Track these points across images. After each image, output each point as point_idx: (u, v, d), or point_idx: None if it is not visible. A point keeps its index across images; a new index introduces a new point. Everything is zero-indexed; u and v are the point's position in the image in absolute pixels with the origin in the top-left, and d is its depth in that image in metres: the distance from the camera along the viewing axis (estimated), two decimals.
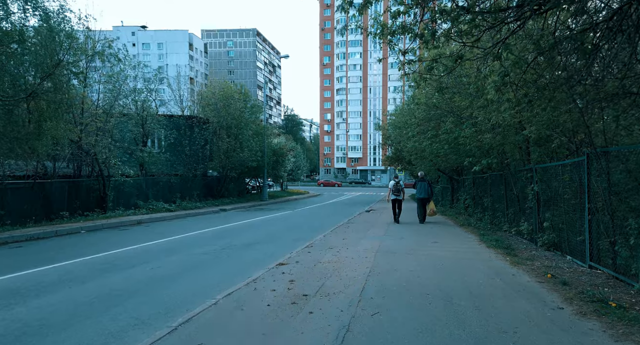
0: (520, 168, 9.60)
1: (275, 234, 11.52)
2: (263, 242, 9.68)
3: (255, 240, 10.10)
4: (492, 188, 13.03)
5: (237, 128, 25.82)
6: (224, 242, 9.54)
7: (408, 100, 16.58)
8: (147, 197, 19.23)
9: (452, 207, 21.41)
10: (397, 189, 13.57)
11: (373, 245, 8.42)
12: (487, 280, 5.35)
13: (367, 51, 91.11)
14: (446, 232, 10.93)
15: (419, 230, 11.45)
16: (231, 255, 7.99)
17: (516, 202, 10.04)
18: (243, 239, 10.32)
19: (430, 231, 11.26)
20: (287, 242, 9.82)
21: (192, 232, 11.58)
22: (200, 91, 24.88)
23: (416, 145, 13.88)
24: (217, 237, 10.57)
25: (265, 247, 8.95)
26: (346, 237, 9.83)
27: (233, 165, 26.16)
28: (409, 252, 7.58)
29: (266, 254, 8.02)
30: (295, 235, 11.16)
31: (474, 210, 15.61)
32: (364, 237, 9.77)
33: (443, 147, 11.78)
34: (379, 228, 12.04)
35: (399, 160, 31.47)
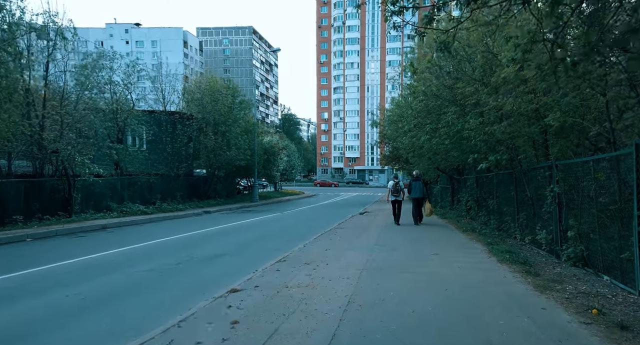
0: (535, 165, 8.12)
1: (250, 242, 10.02)
2: (231, 254, 8.17)
3: (224, 250, 8.60)
4: (499, 189, 11.55)
5: (224, 125, 24.34)
6: (184, 254, 8.03)
7: (405, 88, 15.04)
8: (123, 198, 17.70)
9: (453, 209, 19.92)
10: (396, 189, 13.10)
11: (360, 259, 6.93)
12: (510, 320, 3.85)
13: (365, 49, 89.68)
14: (448, 240, 9.45)
15: (416, 238, 9.97)
16: (182, 273, 6.48)
17: (529, 206, 8.55)
18: (210, 249, 8.82)
19: (429, 239, 9.78)
20: (260, 253, 8.32)
21: (155, 240, 10.06)
22: (185, 86, 23.37)
23: (413, 140, 12.37)
24: (181, 247, 9.06)
25: (230, 261, 7.43)
26: (330, 247, 8.33)
27: (220, 165, 24.65)
28: (403, 270, 6.10)
29: (226, 272, 6.48)
30: (273, 243, 9.67)
31: (478, 213, 14.13)
32: (351, 248, 8.27)
33: (443, 142, 10.30)
34: (371, 234, 10.55)
35: (396, 159, 30.00)
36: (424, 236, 10.15)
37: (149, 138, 22.18)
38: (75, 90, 15.16)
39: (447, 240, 9.45)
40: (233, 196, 29.51)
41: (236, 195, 30.47)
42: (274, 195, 36.35)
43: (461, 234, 10.59)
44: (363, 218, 16.15)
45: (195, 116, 23.22)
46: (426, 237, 9.99)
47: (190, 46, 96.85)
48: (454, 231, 11.35)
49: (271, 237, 10.80)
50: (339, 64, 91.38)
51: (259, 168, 29.88)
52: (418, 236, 10.21)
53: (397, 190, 13.07)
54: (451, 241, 9.32)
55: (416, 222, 13.16)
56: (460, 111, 9.19)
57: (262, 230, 12.60)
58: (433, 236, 10.18)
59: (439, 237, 9.99)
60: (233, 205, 23.99)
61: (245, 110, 26.81)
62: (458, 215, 16.58)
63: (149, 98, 22.78)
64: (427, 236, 10.16)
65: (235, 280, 5.55)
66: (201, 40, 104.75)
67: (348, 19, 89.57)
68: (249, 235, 11.27)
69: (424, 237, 10.03)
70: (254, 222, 15.42)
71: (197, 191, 24.36)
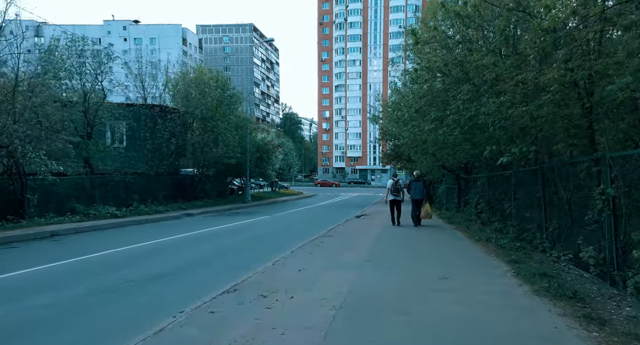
0: (577, 159, 6.19)
1: (212, 255, 8.11)
2: (175, 276, 6.26)
3: (170, 269, 6.69)
4: (518, 189, 9.63)
5: (212, 120, 22.55)
6: (116, 276, 6.12)
7: (407, 73, 13.09)
8: (93, 199, 15.89)
9: (460, 212, 17.98)
10: (395, 188, 12.53)
11: (341, 287, 5.03)
12: None
13: (367, 46, 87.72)
14: (458, 254, 7.55)
15: (419, 250, 8.08)
16: (88, 311, 4.57)
17: (565, 211, 6.64)
18: (155, 266, 6.92)
19: (434, 251, 7.89)
20: (215, 274, 6.45)
21: (96, 254, 8.14)
22: (170, 78, 21.58)
23: (415, 131, 10.44)
24: (120, 264, 7.14)
25: (164, 290, 5.38)
26: (307, 264, 6.45)
27: (207, 163, 22.85)
28: (399, 308, 4.19)
29: (135, 316, 4.47)
30: (239, 258, 7.79)
31: (490, 218, 12.21)
32: (334, 265, 6.39)
33: (452, 132, 8.39)
34: (363, 245, 8.67)
35: (397, 157, 28.07)
36: (428, 247, 8.25)
37: (128, 133, 20.44)
38: (32, 76, 13.35)
39: (458, 254, 7.54)
40: (224, 197, 27.70)
41: (228, 196, 28.65)
42: (270, 196, 34.52)
43: (473, 245, 8.68)
44: (359, 222, 14.26)
45: (180, 110, 21.42)
46: (431, 249, 8.09)
47: (189, 44, 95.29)
48: (464, 240, 9.43)
49: (242, 249, 8.93)
50: (340, 62, 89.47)
51: (252, 167, 28.04)
52: (421, 248, 8.32)
53: (396, 190, 12.50)
54: (463, 255, 7.41)
55: (415, 223, 12.56)
56: (474, 91, 7.28)
57: (237, 238, 10.73)
58: (439, 247, 8.28)
59: (446, 249, 8.09)
60: (221, 207, 22.17)
61: (235, 105, 24.98)
62: (466, 219, 14.66)
63: (130, 91, 21.03)
64: (432, 247, 8.26)
65: (136, 332, 3.65)
66: (201, 38, 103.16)
67: (350, 15, 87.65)
68: (218, 245, 9.39)
69: (428, 248, 8.14)
70: (235, 227, 13.57)
71: (183, 191, 22.55)
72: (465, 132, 8.16)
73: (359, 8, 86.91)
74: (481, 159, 12.11)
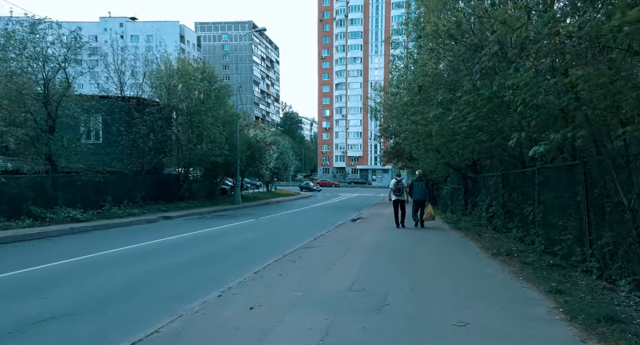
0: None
1: (155, 276, 6.16)
2: (73, 317, 4.37)
3: (75, 305, 4.79)
4: (545, 190, 7.82)
5: (197, 114, 20.80)
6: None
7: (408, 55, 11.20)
8: (55, 201, 14.10)
9: (467, 215, 16.15)
10: (398, 188, 12.07)
11: (307, 342, 3.24)
12: None
13: (368, 43, 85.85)
14: (476, 278, 5.70)
15: (422, 270, 6.25)
16: None
17: (627, 221, 4.81)
18: (61, 299, 4.95)
19: (444, 272, 6.06)
20: (131, 312, 4.53)
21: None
22: (150, 67, 19.79)
23: (417, 119, 8.60)
24: (12, 295, 5.27)
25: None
26: (269, 295, 4.63)
27: (192, 161, 21.08)
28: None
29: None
30: (185, 281, 5.89)
31: (506, 224, 10.40)
32: (304, 300, 4.51)
33: (464, 118, 6.56)
34: (353, 260, 6.85)
35: (398, 155, 26.24)
36: (435, 265, 6.42)
37: (103, 129, 18.72)
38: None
39: (475, 277, 5.70)
40: (214, 197, 25.92)
41: (218, 197, 26.88)
42: (264, 196, 32.74)
43: (492, 260, 6.84)
44: (353, 227, 12.43)
45: (162, 103, 19.64)
46: (439, 268, 6.26)
47: (187, 41, 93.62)
48: (479, 253, 7.59)
49: (199, 265, 7.05)
50: (341, 59, 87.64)
51: (243, 166, 26.25)
52: (426, 265, 6.49)
53: (398, 189, 12.04)
54: (482, 279, 5.58)
55: (416, 225, 12.18)
56: (498, 59, 5.44)
57: (203, 249, 8.90)
58: (449, 265, 6.44)
59: (458, 268, 6.27)
60: (206, 209, 20.41)
61: (224, 98, 23.19)
62: (476, 224, 12.85)
63: (106, 83, 19.22)
64: (440, 265, 6.43)
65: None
66: (199, 36, 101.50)
67: (351, 11, 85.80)
68: (173, 260, 7.48)
69: (434, 266, 6.32)
70: (210, 233, 11.78)
71: (165, 192, 20.78)
72: (481, 117, 6.33)
73: (360, 4, 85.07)
74: (494, 155, 10.30)
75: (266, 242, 9.89)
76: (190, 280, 5.92)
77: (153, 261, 7.36)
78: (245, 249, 8.80)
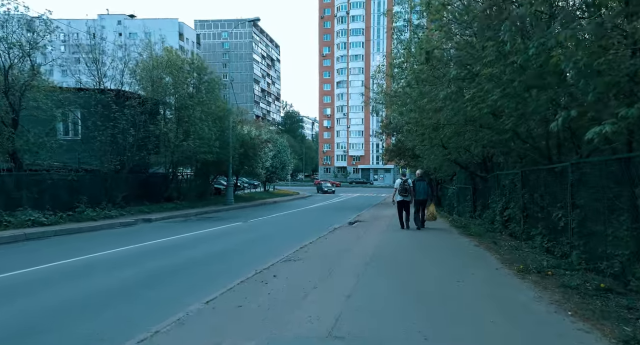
0: None
1: (77, 306, 4.66)
2: None
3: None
4: (582, 191, 6.35)
5: (185, 109, 19.44)
6: None
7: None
8: (19, 202, 12.68)
9: (475, 218, 14.64)
10: (404, 188, 11.47)
11: None
12: None
13: (370, 40, 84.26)
14: (509, 310, 4.18)
15: (432, 298, 4.74)
16: None
17: None
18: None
19: (462, 304, 4.52)
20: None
21: None
22: (129, 57, 18.35)
23: (424, 104, 7.09)
24: None
25: None
26: (221, 340, 3.18)
27: (179, 159, 19.65)
28: None
29: None
30: (109, 314, 4.39)
31: (527, 229, 8.89)
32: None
33: (486, 96, 5.04)
34: (342, 281, 5.38)
35: (400, 153, 24.72)
36: (449, 293, 4.87)
37: (80, 124, 17.30)
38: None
39: (509, 313, 4.15)
40: (207, 198, 24.49)
41: (210, 197, 25.44)
42: (260, 197, 31.30)
43: (521, 281, 5.31)
44: (348, 233, 10.94)
45: (145, 96, 18.22)
46: (454, 296, 4.73)
47: (186, 39, 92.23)
48: (501, 270, 6.06)
49: (137, 290, 5.43)
50: (342, 57, 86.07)
51: (236, 164, 24.79)
52: (438, 293, 4.96)
53: (404, 190, 11.44)
54: (519, 316, 4.03)
55: (419, 226, 11.67)
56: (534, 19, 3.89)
57: (159, 263, 7.34)
58: (470, 292, 4.90)
59: (479, 295, 4.74)
60: (194, 210, 18.98)
61: (214, 92, 21.74)
62: (487, 229, 11.35)
63: (87, 76, 17.80)
64: (457, 293, 4.88)
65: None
66: (199, 33, 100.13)
67: (352, 8, 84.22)
68: (102, 282, 5.72)
69: (449, 295, 4.77)
70: (182, 241, 10.30)
71: (151, 192, 19.36)
72: (509, 94, 4.82)
73: (361, 1, 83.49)
74: (511, 150, 8.78)
75: (242, 253, 8.39)
76: (101, 322, 4.17)
77: (72, 285, 5.77)
78: (211, 263, 7.28)
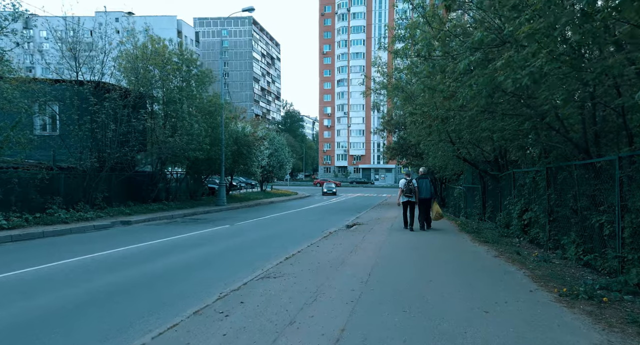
0: None
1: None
2: None
3: None
4: (636, 191, 5.02)
5: (172, 103, 18.19)
6: None
7: None
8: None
9: (485, 220, 13.33)
10: (409, 188, 11.17)
11: None
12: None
13: (371, 38, 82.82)
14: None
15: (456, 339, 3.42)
16: None
17: None
18: None
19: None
20: None
21: None
22: (108, 47, 17.04)
23: (435, 84, 5.72)
24: None
25: None
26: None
27: (166, 156, 18.35)
28: None
29: None
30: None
31: (553, 236, 7.57)
32: None
33: (528, 60, 3.69)
34: (329, 311, 4.05)
35: (403, 151, 23.40)
36: (475, 332, 3.55)
37: (58, 118, 15.99)
38: None
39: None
40: (197, 198, 23.23)
41: (203, 197, 24.17)
42: (256, 197, 29.96)
43: (571, 313, 3.97)
44: (345, 238, 9.60)
45: (129, 88, 16.94)
46: (481, 337, 3.41)
47: (185, 36, 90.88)
48: (537, 292, 4.71)
49: (61, 321, 4.14)
50: (343, 55, 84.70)
51: (229, 162, 23.47)
52: (464, 330, 3.64)
53: (410, 190, 11.15)
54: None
55: (422, 226, 11.36)
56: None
57: (117, 277, 6.02)
58: (502, 330, 3.57)
59: (520, 339, 3.41)
60: (181, 212, 17.68)
61: (204, 85, 20.44)
62: (502, 234, 10.07)
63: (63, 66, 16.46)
64: (482, 333, 3.56)
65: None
66: (198, 31, 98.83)
67: (353, 5, 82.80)
68: (26, 308, 4.62)
69: (476, 335, 3.46)
70: (158, 247, 8.98)
71: (137, 192, 18.13)
72: (559, 56, 3.46)
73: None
74: (540, 140, 7.42)
75: (214, 265, 7.02)
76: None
77: (38, 298, 4.50)
78: (170, 280, 5.86)
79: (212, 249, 8.66)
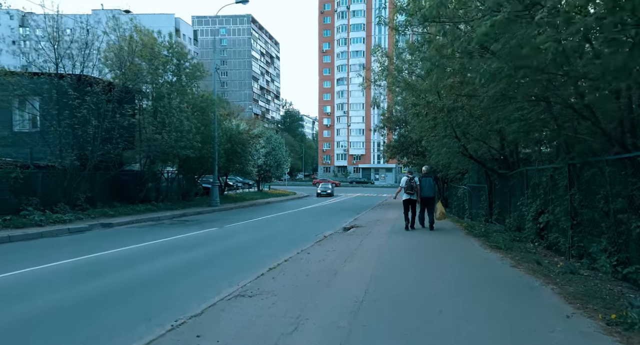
0: None
1: None
2: None
3: None
4: None
5: (161, 98, 17.29)
6: None
7: None
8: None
9: (492, 223, 12.35)
10: (410, 186, 10.74)
11: None
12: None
13: (371, 36, 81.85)
14: None
15: None
16: None
17: None
18: None
19: None
20: None
21: None
22: (93, 38, 16.11)
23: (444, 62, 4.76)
24: None
25: None
26: None
27: (154, 154, 17.39)
28: None
29: None
30: None
31: (577, 242, 6.62)
32: None
33: (573, 18, 2.75)
34: (320, 334, 3.11)
35: (404, 149, 22.44)
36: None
37: (38, 113, 15.04)
38: None
39: None
40: (191, 199, 22.25)
41: (196, 197, 23.19)
42: (251, 197, 29.00)
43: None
44: (341, 243, 8.64)
45: (113, 82, 15.99)
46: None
47: (183, 35, 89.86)
48: (575, 320, 3.75)
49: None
50: (342, 53, 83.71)
51: (222, 161, 22.50)
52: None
53: (411, 188, 10.78)
54: None
55: (424, 225, 11.07)
56: None
57: (62, 295, 5.03)
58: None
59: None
60: (170, 213, 16.74)
61: (196, 79, 19.51)
62: (514, 238, 9.09)
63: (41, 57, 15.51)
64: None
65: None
66: (196, 30, 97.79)
67: (353, 3, 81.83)
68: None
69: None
70: (132, 253, 8.05)
71: (124, 192, 17.18)
72: None
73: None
74: (562, 132, 6.47)
75: (186, 278, 6.02)
76: None
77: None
78: (128, 298, 4.78)
79: (192, 257, 7.69)
